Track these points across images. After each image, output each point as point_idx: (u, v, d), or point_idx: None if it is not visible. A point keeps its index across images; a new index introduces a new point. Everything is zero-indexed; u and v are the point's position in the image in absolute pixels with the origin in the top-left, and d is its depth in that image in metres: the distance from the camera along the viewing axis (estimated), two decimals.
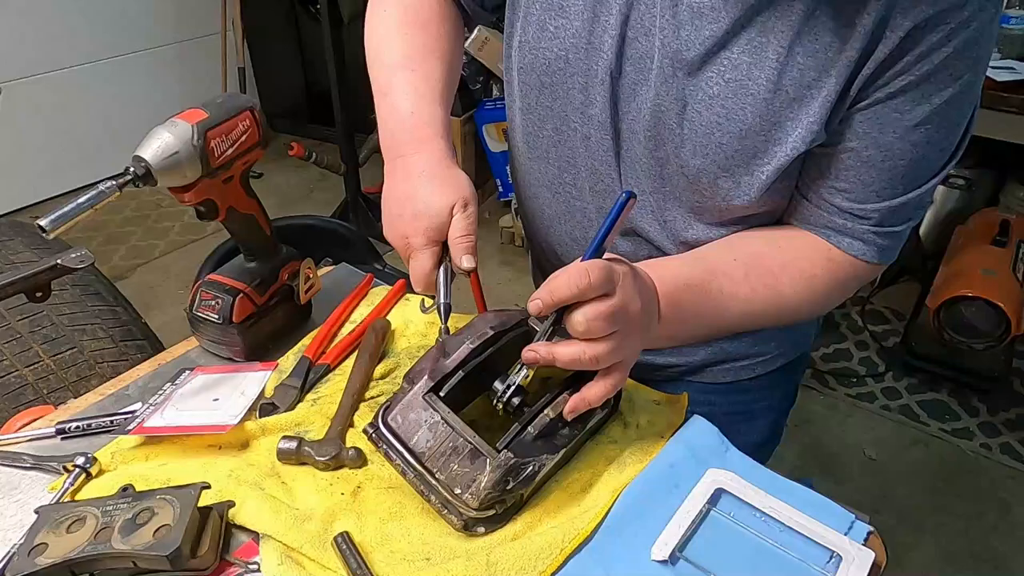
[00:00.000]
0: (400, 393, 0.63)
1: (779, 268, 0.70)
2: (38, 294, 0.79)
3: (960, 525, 1.83)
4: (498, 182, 3.11)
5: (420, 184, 0.69)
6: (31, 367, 1.26)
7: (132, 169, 0.65)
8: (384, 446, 0.61)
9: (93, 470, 0.66)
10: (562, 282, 0.55)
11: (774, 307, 0.71)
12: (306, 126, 3.75)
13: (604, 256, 0.58)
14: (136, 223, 3.20)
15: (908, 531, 1.80)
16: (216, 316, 0.78)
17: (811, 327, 0.97)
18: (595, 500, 0.63)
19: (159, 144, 0.65)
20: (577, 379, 0.67)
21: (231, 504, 0.62)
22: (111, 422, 0.72)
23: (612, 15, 0.66)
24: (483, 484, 0.58)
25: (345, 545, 0.58)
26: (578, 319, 0.55)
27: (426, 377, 0.62)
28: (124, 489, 0.63)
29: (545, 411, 0.62)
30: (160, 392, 0.76)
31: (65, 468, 0.66)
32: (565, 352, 0.57)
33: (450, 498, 0.58)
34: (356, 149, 2.91)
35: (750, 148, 0.64)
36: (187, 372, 0.79)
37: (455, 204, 0.67)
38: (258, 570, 0.58)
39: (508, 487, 0.58)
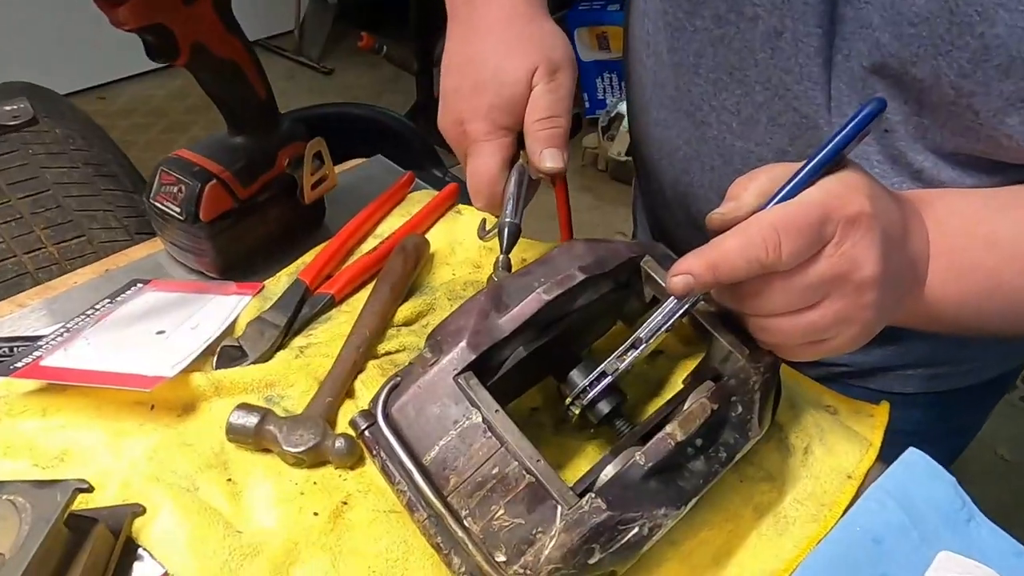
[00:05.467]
0: (418, 365, 0.37)
1: None
2: None
3: None
4: (585, 97, 2.78)
5: (488, 43, 0.49)
6: (31, 254, 1.07)
7: None
8: (382, 456, 0.36)
9: None
10: (734, 251, 0.35)
11: None
12: (381, 20, 3.48)
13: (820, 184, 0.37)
14: (199, 112, 3.04)
15: None
16: (177, 209, 0.54)
17: None
18: None
19: None
20: (708, 363, 0.41)
21: (137, 511, 0.39)
22: (11, 349, 0.50)
23: None
24: (548, 552, 0.32)
25: None
26: (760, 297, 0.37)
27: (463, 343, 0.36)
28: None
29: (668, 428, 0.35)
30: (93, 309, 0.53)
31: None
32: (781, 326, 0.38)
33: (486, 567, 0.33)
34: (432, 46, 2.64)
35: None
36: (138, 285, 0.56)
37: (537, 70, 0.46)
38: None
39: (591, 560, 0.32)
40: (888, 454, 0.44)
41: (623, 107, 2.33)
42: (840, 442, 0.44)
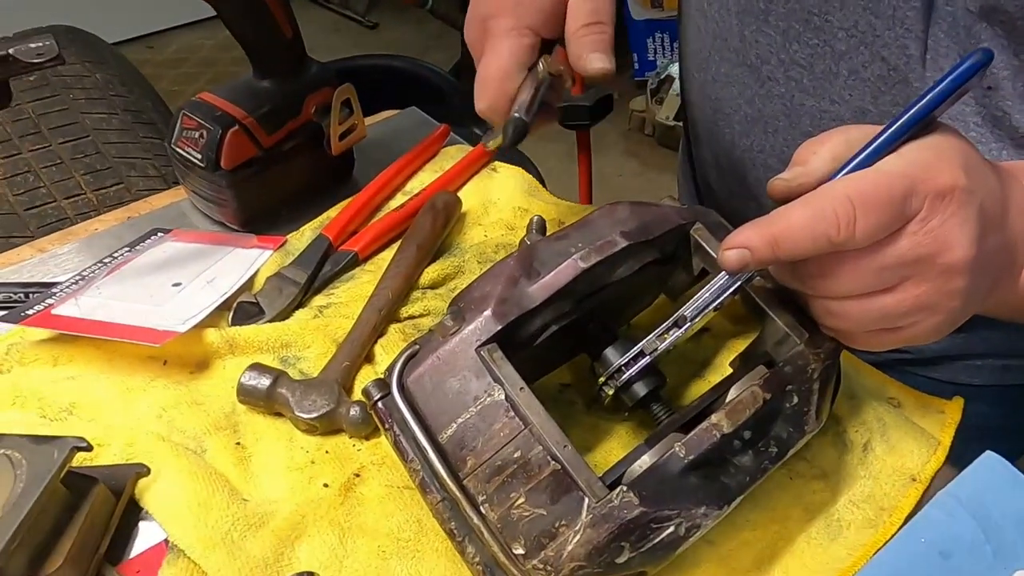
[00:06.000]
0: (438, 333, 0.33)
1: None
2: None
3: None
4: (635, 57, 2.67)
5: None
6: (71, 200, 1.08)
7: None
8: (395, 430, 0.33)
9: None
10: (799, 225, 0.31)
11: None
12: None
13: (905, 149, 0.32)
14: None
15: None
16: (198, 155, 0.51)
17: None
18: None
19: None
20: (761, 346, 0.36)
21: (141, 472, 0.37)
22: (25, 295, 0.48)
23: None
24: (571, 548, 0.29)
25: None
26: (828, 278, 0.32)
27: (488, 312, 0.32)
28: None
29: (713, 417, 0.31)
30: (111, 257, 0.51)
31: None
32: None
33: (503, 559, 0.30)
34: None
35: None
36: (159, 235, 0.54)
37: None
38: None
39: (619, 560, 0.29)
40: (951, 453, 0.40)
41: (673, 69, 2.22)
42: (904, 439, 0.39)
